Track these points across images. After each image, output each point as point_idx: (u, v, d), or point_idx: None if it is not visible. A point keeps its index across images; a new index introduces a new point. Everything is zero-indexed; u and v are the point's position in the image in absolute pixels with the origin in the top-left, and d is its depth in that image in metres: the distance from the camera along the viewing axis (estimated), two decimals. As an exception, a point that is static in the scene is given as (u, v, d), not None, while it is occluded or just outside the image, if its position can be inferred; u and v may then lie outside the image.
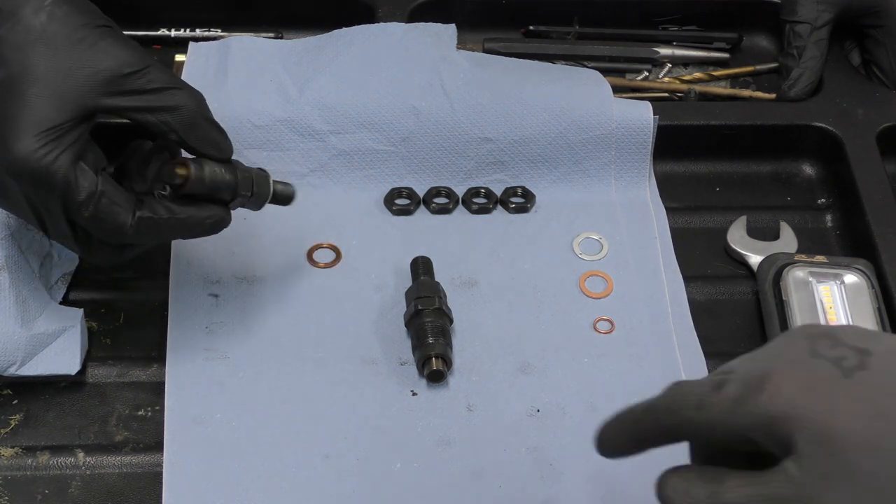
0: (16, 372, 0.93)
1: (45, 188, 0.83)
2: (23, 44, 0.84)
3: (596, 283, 1.05)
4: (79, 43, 0.85)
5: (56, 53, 0.84)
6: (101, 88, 0.85)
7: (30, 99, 0.83)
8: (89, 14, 0.87)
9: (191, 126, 0.88)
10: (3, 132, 0.83)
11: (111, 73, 0.85)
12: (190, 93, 0.89)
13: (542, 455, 0.93)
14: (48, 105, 0.83)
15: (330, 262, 1.06)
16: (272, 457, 0.92)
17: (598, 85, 1.14)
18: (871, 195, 1.10)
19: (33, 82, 0.84)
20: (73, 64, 0.84)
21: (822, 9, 1.20)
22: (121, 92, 0.86)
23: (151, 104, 0.87)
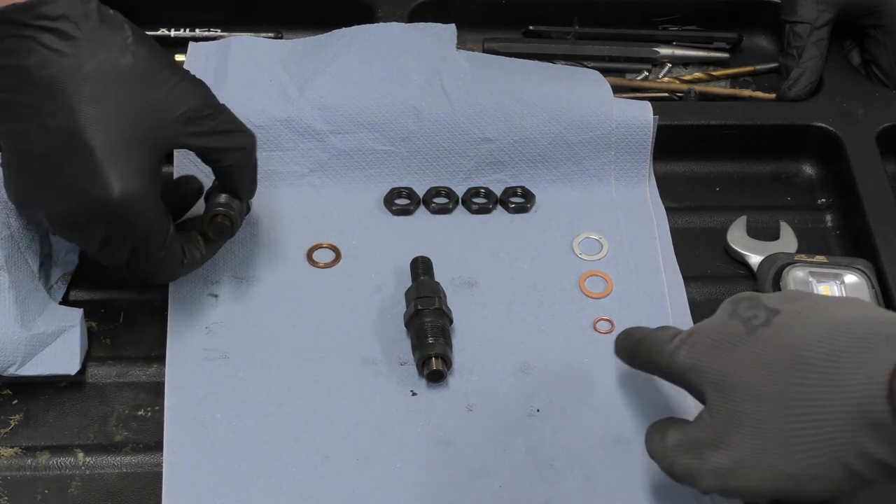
0: (15, 372, 0.93)
1: (131, 229, 0.88)
2: (112, 82, 0.86)
3: (596, 283, 1.05)
4: (164, 83, 0.89)
5: (145, 92, 0.88)
6: (184, 128, 0.90)
7: (128, 134, 0.86)
8: (164, 54, 0.91)
9: (245, 167, 0.95)
10: (104, 170, 0.85)
11: (193, 113, 0.90)
12: (249, 135, 0.95)
13: (542, 455, 0.93)
14: (145, 143, 0.87)
15: (330, 262, 1.06)
16: (272, 457, 0.92)
17: (598, 85, 1.14)
18: (872, 195, 1.10)
19: (131, 120, 0.86)
20: (164, 103, 0.88)
21: (822, 9, 1.20)
22: (199, 132, 0.91)
23: (222, 144, 0.93)
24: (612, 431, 0.95)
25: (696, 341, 0.83)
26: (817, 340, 0.76)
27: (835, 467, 0.74)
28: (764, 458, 0.77)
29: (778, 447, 0.76)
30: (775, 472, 0.77)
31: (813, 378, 0.75)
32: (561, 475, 0.92)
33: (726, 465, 0.79)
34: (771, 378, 0.77)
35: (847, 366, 0.74)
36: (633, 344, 0.91)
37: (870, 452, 0.73)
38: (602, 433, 0.94)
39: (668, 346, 0.85)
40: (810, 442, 0.75)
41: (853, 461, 0.74)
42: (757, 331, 0.80)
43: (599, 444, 0.94)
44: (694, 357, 0.83)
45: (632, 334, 0.92)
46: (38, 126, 0.86)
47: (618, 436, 0.94)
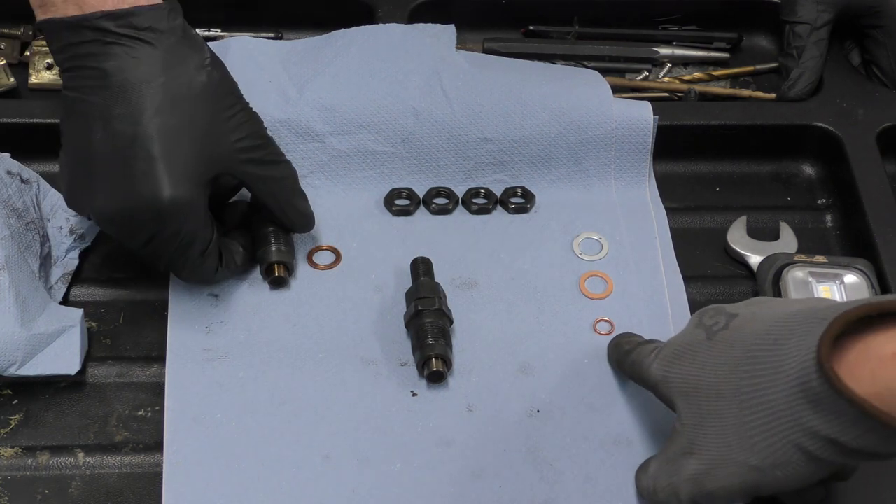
0: (16, 372, 0.93)
1: (177, 232, 0.91)
2: (182, 97, 0.90)
3: (596, 284, 1.05)
4: (228, 108, 0.94)
5: (213, 113, 0.92)
6: (240, 154, 0.95)
7: (187, 149, 0.89)
8: (232, 82, 0.96)
9: (290, 197, 1.00)
10: (159, 174, 0.88)
11: (248, 141, 0.95)
12: (291, 166, 1.01)
13: (542, 455, 0.93)
14: (202, 159, 0.91)
15: (330, 263, 1.05)
16: (272, 457, 0.92)
17: (598, 85, 1.14)
18: (871, 195, 1.10)
19: (194, 136, 0.90)
20: (225, 127, 0.93)
21: (822, 9, 1.20)
22: (251, 160, 0.96)
23: (268, 173, 0.98)
24: (611, 432, 0.95)
25: (665, 354, 0.87)
26: (765, 332, 0.79)
27: (791, 452, 0.76)
28: (729, 454, 0.80)
29: (738, 441, 0.79)
30: (741, 467, 0.79)
31: (760, 368, 0.78)
32: (561, 475, 0.92)
33: (699, 468, 0.82)
34: (727, 376, 0.80)
35: (787, 349, 0.76)
36: (622, 356, 0.95)
37: (816, 430, 0.74)
38: (602, 433, 0.95)
39: (647, 361, 0.89)
40: (764, 430, 0.77)
41: (805, 442, 0.75)
42: (716, 335, 0.83)
43: (599, 444, 0.94)
44: (663, 369, 0.86)
45: (621, 346, 0.95)
46: (104, 126, 0.89)
47: (617, 436, 0.95)
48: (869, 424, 0.72)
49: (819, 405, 0.73)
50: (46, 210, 1.03)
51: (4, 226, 0.96)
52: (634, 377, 0.92)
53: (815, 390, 0.73)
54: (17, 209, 0.99)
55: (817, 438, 0.74)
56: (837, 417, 0.73)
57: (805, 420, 0.74)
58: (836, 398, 0.72)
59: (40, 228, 1.01)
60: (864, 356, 0.73)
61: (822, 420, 0.74)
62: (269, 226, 1.02)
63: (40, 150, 1.11)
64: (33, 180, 1.02)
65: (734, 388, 0.80)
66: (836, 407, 0.72)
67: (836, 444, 0.74)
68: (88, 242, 1.05)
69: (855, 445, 0.73)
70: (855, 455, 0.74)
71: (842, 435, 0.73)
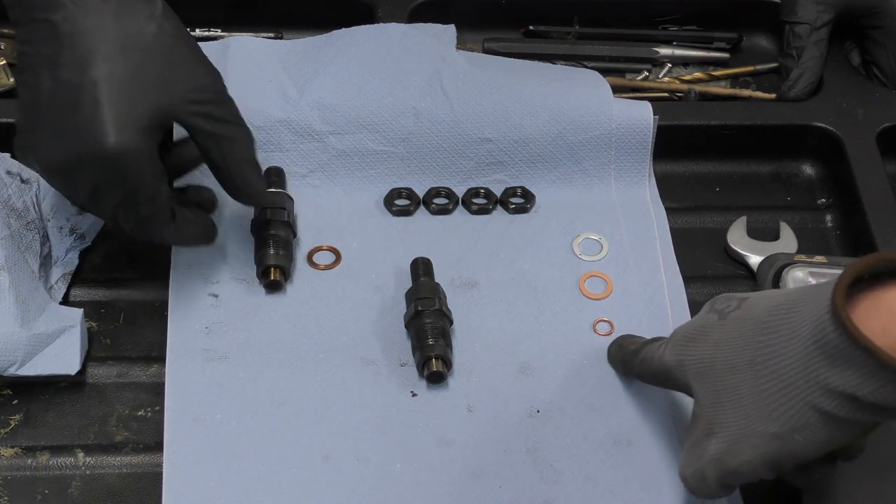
0: (16, 372, 0.93)
1: (121, 180, 0.89)
2: (130, 47, 0.89)
3: (596, 284, 1.05)
4: (180, 59, 0.92)
5: (163, 63, 0.90)
6: (190, 106, 0.92)
7: (135, 97, 0.88)
8: (188, 36, 0.94)
9: (239, 162, 0.96)
10: (104, 119, 0.87)
11: (200, 93, 0.92)
12: (248, 132, 0.97)
13: (542, 456, 0.93)
14: (149, 107, 0.89)
15: (330, 263, 1.06)
16: (272, 457, 0.92)
17: (598, 85, 1.14)
18: (872, 195, 1.10)
19: (142, 84, 0.89)
20: (176, 77, 0.91)
21: (822, 9, 1.20)
22: (202, 114, 0.93)
23: (218, 131, 0.94)
24: (611, 432, 0.95)
25: (678, 339, 0.87)
26: (777, 305, 0.80)
27: (808, 413, 0.76)
28: (748, 426, 0.80)
29: (756, 411, 0.79)
30: (761, 437, 0.79)
31: (774, 336, 0.78)
32: (561, 475, 0.92)
33: (721, 447, 0.82)
34: (742, 350, 0.81)
35: (801, 314, 0.77)
36: (628, 357, 0.95)
37: (833, 386, 0.74)
38: (602, 434, 0.95)
39: (659, 352, 0.89)
40: (781, 395, 0.77)
41: (822, 401, 0.75)
42: (728, 315, 0.84)
43: (599, 444, 0.94)
44: (677, 353, 0.86)
45: (626, 347, 0.96)
46: (51, 77, 0.88)
47: (617, 436, 0.95)
48: (887, 375, 0.71)
49: (836, 359, 0.73)
50: (46, 210, 1.03)
51: (4, 226, 0.96)
52: (644, 374, 0.92)
53: (831, 343, 0.73)
54: (16, 209, 0.99)
55: (834, 395, 0.74)
56: (855, 370, 0.73)
57: (822, 377, 0.74)
58: (853, 349, 0.72)
59: (40, 228, 1.01)
60: (874, 311, 0.74)
61: (838, 375, 0.73)
62: (269, 229, 1.02)
63: (40, 150, 1.11)
64: (33, 180, 1.02)
65: (748, 359, 0.80)
66: (853, 359, 0.72)
67: (853, 399, 0.74)
68: (88, 242, 1.05)
69: (872, 399, 0.73)
70: (872, 411, 0.74)
71: (859, 388, 0.73)
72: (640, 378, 0.94)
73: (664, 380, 0.89)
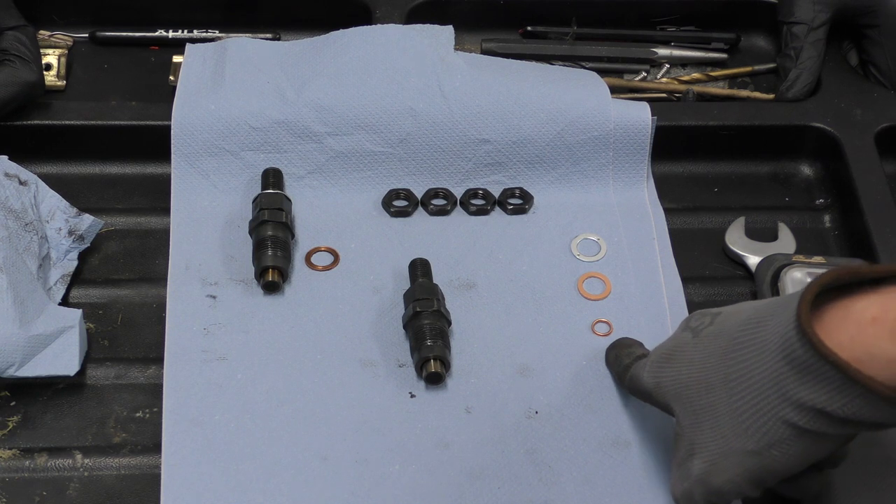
0: (14, 373, 0.93)
1: None
2: None
3: (594, 285, 1.05)
4: None
5: None
6: None
7: None
8: None
9: None
10: None
11: None
12: None
13: (541, 457, 0.93)
14: None
15: (328, 264, 1.05)
16: (270, 458, 0.92)
17: (596, 85, 1.14)
18: (870, 195, 1.10)
19: None
20: None
21: (819, 9, 1.20)
22: None
23: None
24: (610, 433, 0.95)
25: (653, 360, 0.87)
26: (747, 319, 0.79)
27: (782, 429, 0.76)
28: (726, 444, 0.79)
29: (732, 429, 0.79)
30: (739, 455, 0.79)
31: (745, 352, 0.78)
32: (559, 477, 0.92)
33: (704, 467, 0.81)
34: (715, 368, 0.80)
35: (769, 327, 0.76)
36: (622, 371, 0.94)
37: (802, 401, 0.74)
38: (600, 435, 0.95)
39: (641, 372, 0.89)
40: (754, 412, 0.77)
41: (793, 416, 0.75)
42: (701, 333, 0.83)
43: (598, 445, 0.94)
44: (654, 375, 0.86)
45: (621, 359, 0.95)
46: None
47: (616, 438, 0.94)
48: (855, 390, 0.71)
49: (804, 374, 0.73)
50: (45, 212, 1.03)
51: (2, 227, 0.96)
52: (633, 391, 0.92)
53: (799, 359, 0.73)
54: (15, 211, 0.99)
55: (804, 410, 0.74)
56: (823, 385, 0.72)
57: (791, 393, 0.74)
58: (819, 363, 0.72)
59: (39, 230, 1.01)
60: (843, 322, 0.73)
61: (807, 390, 0.73)
62: (267, 231, 1.02)
63: (38, 152, 1.11)
64: (32, 182, 1.02)
65: (722, 376, 0.79)
66: (820, 373, 0.72)
67: (823, 413, 0.73)
68: (87, 244, 1.05)
69: (842, 414, 0.72)
70: (844, 424, 0.74)
71: (828, 404, 0.72)
72: (632, 394, 0.93)
73: (648, 400, 0.89)
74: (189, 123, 1.09)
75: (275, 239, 1.02)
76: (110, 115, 1.13)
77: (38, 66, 1.11)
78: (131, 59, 1.26)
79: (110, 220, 1.09)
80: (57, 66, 1.20)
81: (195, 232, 1.07)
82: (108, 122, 1.13)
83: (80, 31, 1.27)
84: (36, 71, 1.10)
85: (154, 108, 1.13)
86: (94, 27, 1.27)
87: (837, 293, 0.74)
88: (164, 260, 1.05)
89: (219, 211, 1.08)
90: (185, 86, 1.12)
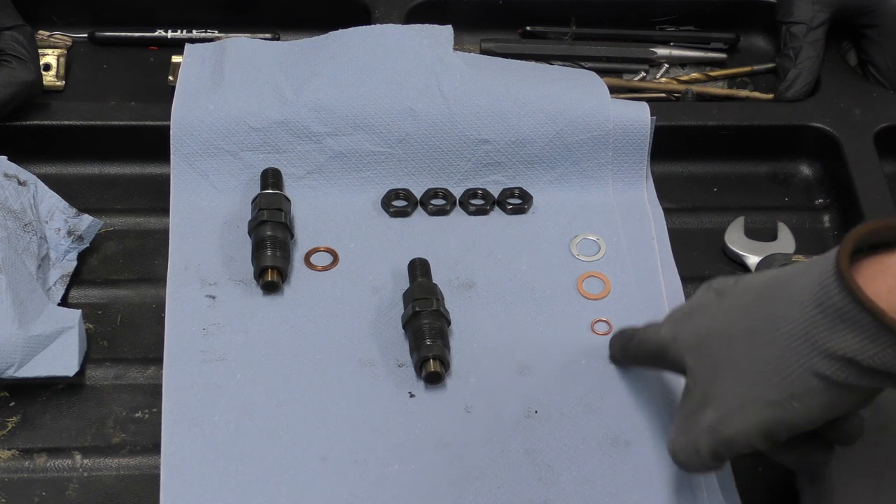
0: (14, 374, 0.93)
1: None
2: None
3: (593, 285, 1.05)
4: None
5: None
6: None
7: None
8: None
9: None
10: None
11: None
12: None
13: (541, 456, 0.93)
14: None
15: (327, 264, 1.05)
16: (270, 459, 0.92)
17: (595, 85, 1.14)
18: (869, 195, 1.10)
19: None
20: None
21: (818, 9, 1.21)
22: None
23: None
24: (609, 433, 0.95)
25: (674, 316, 0.89)
26: (777, 276, 0.80)
27: (807, 379, 0.76)
28: (745, 395, 0.80)
29: (753, 379, 0.79)
30: (758, 405, 0.79)
31: (774, 304, 0.78)
32: (559, 476, 0.92)
33: (717, 417, 0.81)
34: (739, 320, 0.81)
35: (802, 282, 0.77)
36: (626, 341, 0.96)
37: (833, 350, 0.74)
38: (600, 434, 0.95)
39: (655, 332, 0.91)
40: (779, 362, 0.77)
41: (822, 366, 0.75)
42: (725, 292, 0.84)
43: (597, 445, 0.94)
44: (673, 330, 0.87)
45: (626, 333, 0.96)
46: None
47: (615, 437, 0.94)
48: (888, 339, 0.72)
49: (838, 322, 0.74)
50: (44, 212, 1.03)
51: (2, 228, 0.96)
52: (641, 356, 0.93)
53: (835, 306, 0.73)
54: (14, 211, 0.99)
55: (834, 360, 0.74)
56: (856, 333, 0.73)
57: (822, 342, 0.75)
58: (856, 311, 0.72)
59: (38, 230, 1.01)
60: (881, 273, 0.74)
61: (840, 338, 0.74)
62: (266, 231, 1.02)
63: (38, 153, 1.11)
64: (31, 182, 1.02)
65: (745, 327, 0.80)
66: (855, 321, 0.73)
67: (853, 363, 0.74)
68: (87, 244, 1.05)
69: (873, 363, 0.73)
70: (872, 376, 0.74)
71: (860, 353, 0.73)
72: (636, 362, 0.95)
73: (659, 359, 0.90)
74: (188, 124, 1.09)
75: (274, 239, 1.02)
76: (109, 116, 1.13)
77: (36, 65, 1.11)
78: (130, 60, 1.26)
79: (109, 220, 1.09)
80: (56, 66, 1.20)
81: (194, 232, 1.07)
82: (108, 123, 1.12)
83: (79, 32, 1.27)
84: (33, 70, 1.10)
85: (153, 108, 1.13)
86: (93, 27, 1.27)
87: (871, 251, 0.76)
88: (164, 260, 1.05)
89: (218, 211, 1.08)
90: (184, 86, 1.12)
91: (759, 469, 0.94)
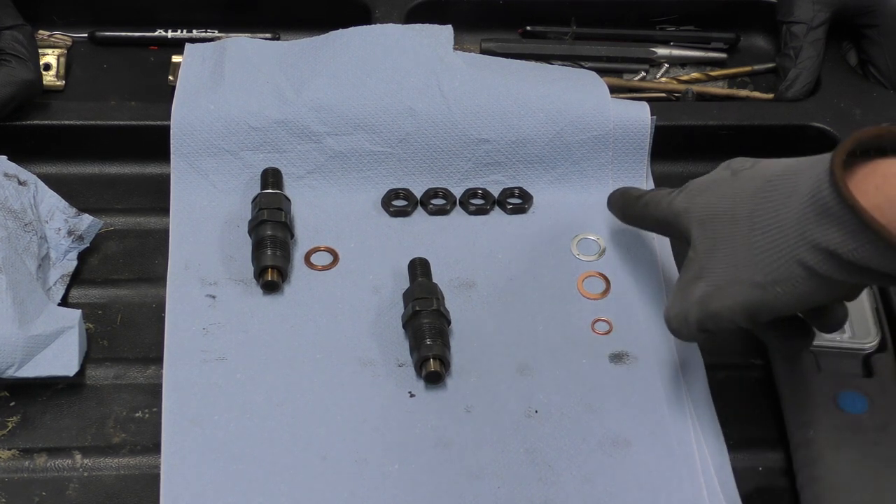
0: (14, 374, 0.93)
1: None
2: None
3: (594, 284, 1.05)
4: None
5: None
6: None
7: None
8: None
9: None
10: None
11: None
12: None
13: (541, 456, 0.93)
14: None
15: (328, 264, 1.05)
16: (270, 458, 0.92)
17: (596, 85, 1.14)
18: (869, 195, 1.10)
19: None
20: None
21: (818, 9, 1.21)
22: None
23: None
24: (610, 432, 0.95)
25: (691, 189, 0.93)
26: (788, 166, 0.84)
27: (792, 267, 0.80)
28: (735, 273, 0.84)
29: (744, 261, 0.83)
30: (744, 285, 0.83)
31: (776, 193, 0.82)
32: (559, 476, 0.92)
33: (707, 290, 0.86)
34: (745, 202, 0.85)
35: (805, 175, 0.81)
36: (630, 200, 1.02)
37: (818, 242, 0.78)
38: (600, 434, 0.94)
39: (667, 198, 0.95)
40: (770, 248, 0.81)
41: (806, 256, 0.79)
42: (741, 173, 0.88)
43: (598, 444, 0.94)
44: (686, 201, 0.92)
45: (630, 192, 1.03)
46: None
47: (616, 437, 0.94)
48: (866, 236, 0.75)
49: (824, 217, 0.77)
50: (44, 212, 1.03)
51: (2, 227, 0.96)
52: (645, 218, 0.99)
53: (823, 201, 0.77)
54: (14, 211, 0.99)
55: (818, 251, 0.78)
56: (839, 228, 0.76)
57: (810, 233, 0.78)
58: (839, 206, 0.75)
59: (38, 230, 1.01)
60: (871, 173, 0.77)
61: (824, 232, 0.77)
62: (266, 230, 1.02)
63: (38, 152, 1.11)
64: (31, 182, 1.02)
65: (749, 211, 0.84)
66: (839, 217, 0.76)
67: (834, 256, 0.77)
68: (87, 244, 1.05)
69: (851, 258, 0.76)
70: (851, 270, 0.77)
71: (840, 246, 0.76)
72: (636, 222, 1.02)
73: (665, 225, 0.95)
74: (188, 123, 1.09)
75: (274, 238, 1.02)
76: (109, 116, 1.13)
77: (36, 64, 1.11)
78: (130, 59, 1.26)
79: (110, 220, 1.09)
80: (56, 66, 1.20)
81: (194, 232, 1.07)
82: (108, 123, 1.12)
83: (80, 31, 1.27)
84: (33, 70, 1.10)
85: (153, 108, 1.13)
86: (94, 27, 1.27)
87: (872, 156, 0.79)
88: (164, 260, 1.05)
89: (218, 211, 1.08)
90: (184, 86, 1.12)
91: (760, 469, 0.94)
